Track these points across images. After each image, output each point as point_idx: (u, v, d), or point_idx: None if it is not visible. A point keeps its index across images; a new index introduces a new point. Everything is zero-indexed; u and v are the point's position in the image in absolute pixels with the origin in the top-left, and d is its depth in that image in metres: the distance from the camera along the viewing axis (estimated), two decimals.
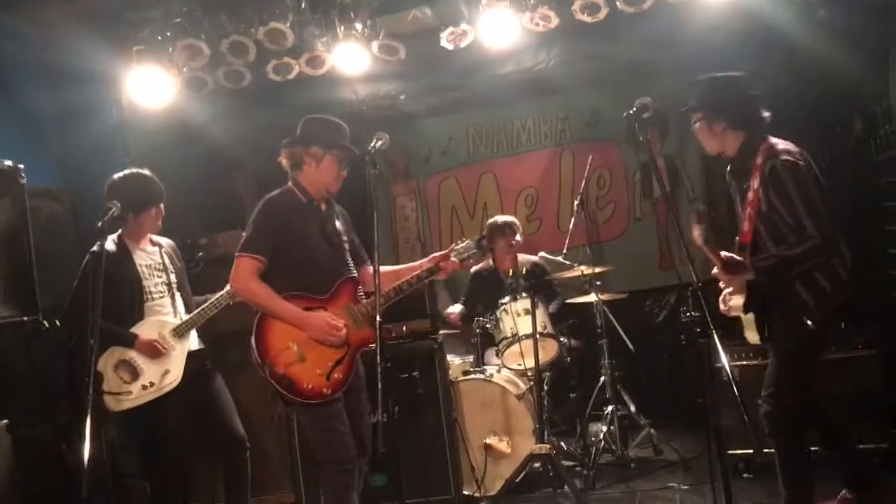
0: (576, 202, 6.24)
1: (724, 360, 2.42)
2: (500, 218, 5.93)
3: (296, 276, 3.59)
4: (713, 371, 2.57)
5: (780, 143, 3.59)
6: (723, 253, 3.43)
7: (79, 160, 5.36)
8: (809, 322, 3.41)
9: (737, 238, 3.63)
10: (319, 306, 3.61)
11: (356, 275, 3.81)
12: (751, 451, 4.53)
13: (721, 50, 4.99)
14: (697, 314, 2.54)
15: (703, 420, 4.94)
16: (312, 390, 3.50)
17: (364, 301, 3.70)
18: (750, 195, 3.53)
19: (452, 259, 3.78)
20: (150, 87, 5.40)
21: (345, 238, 3.82)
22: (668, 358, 6.48)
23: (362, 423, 3.72)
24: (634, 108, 3.03)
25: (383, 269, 3.89)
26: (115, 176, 4.21)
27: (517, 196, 7.13)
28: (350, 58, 5.37)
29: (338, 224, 3.81)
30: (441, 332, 5.08)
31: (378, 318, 3.04)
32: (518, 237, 5.83)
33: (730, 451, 4.61)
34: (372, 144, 3.36)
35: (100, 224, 3.57)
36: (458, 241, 3.88)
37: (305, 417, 3.63)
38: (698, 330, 2.52)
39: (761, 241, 3.55)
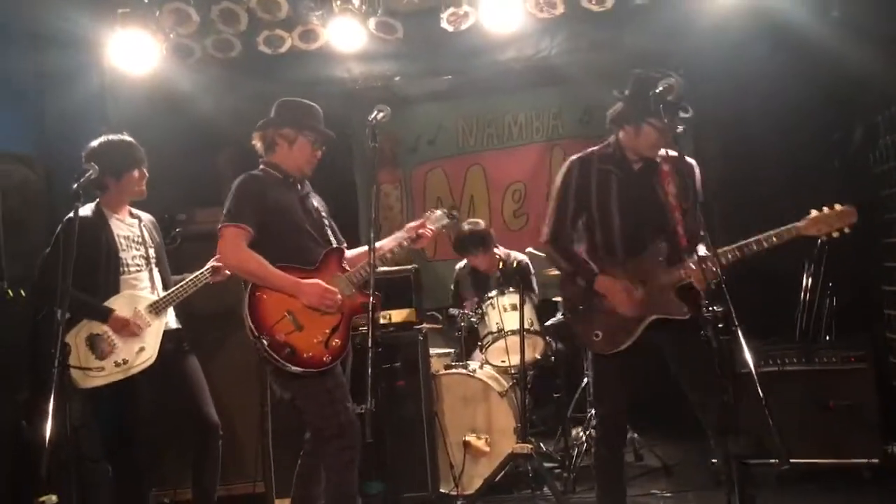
0: None
1: (748, 358, 2.26)
2: (473, 230, 5.59)
3: (282, 248, 3.52)
4: (735, 371, 2.41)
5: None
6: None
7: (56, 127, 5.14)
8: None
9: (661, 243, 3.45)
10: (309, 276, 3.53)
11: (340, 246, 3.77)
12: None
13: (728, 48, 4.87)
14: (721, 309, 2.38)
15: (688, 426, 4.93)
16: (312, 358, 3.42)
17: (351, 270, 3.65)
18: (671, 199, 3.41)
19: (428, 227, 3.79)
20: (134, 52, 5.19)
21: (324, 215, 3.79)
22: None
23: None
24: (660, 88, 2.88)
25: (359, 249, 3.89)
26: (94, 142, 4.01)
27: (505, 190, 7.01)
28: (345, 34, 5.20)
29: (315, 202, 3.78)
30: (424, 325, 4.93)
31: (371, 299, 2.86)
32: (496, 249, 5.60)
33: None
34: (373, 115, 3.24)
35: (75, 186, 3.36)
36: (431, 211, 3.91)
37: (306, 392, 3.49)
38: (720, 326, 2.36)
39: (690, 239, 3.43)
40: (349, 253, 3.89)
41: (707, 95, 5.59)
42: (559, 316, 3.90)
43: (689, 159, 3.52)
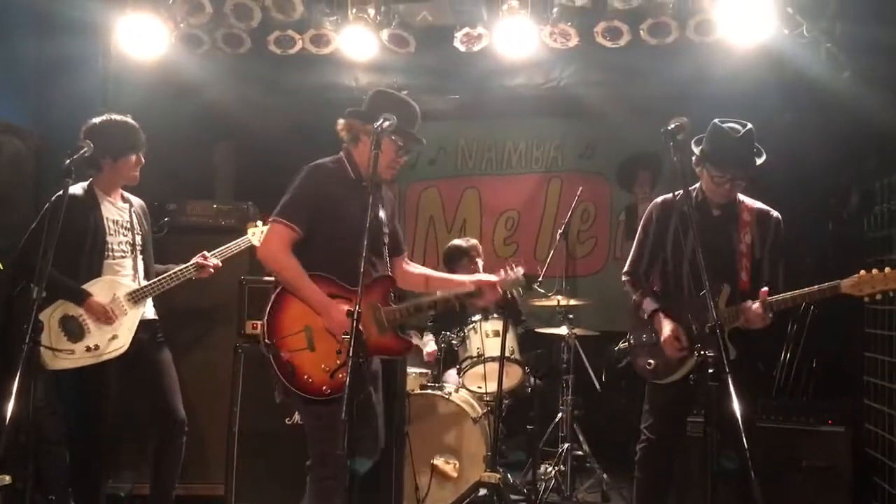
0: (559, 232, 6.10)
1: (736, 407, 2.24)
2: (462, 243, 5.70)
3: (326, 256, 3.27)
4: (722, 416, 2.38)
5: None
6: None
7: (55, 106, 5.06)
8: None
9: (724, 285, 3.64)
10: (345, 296, 3.24)
11: (391, 273, 3.51)
12: None
13: (738, 101, 4.88)
14: (713, 354, 2.35)
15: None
16: (312, 385, 3.22)
17: (393, 307, 3.38)
18: (743, 247, 3.67)
19: (500, 289, 3.48)
20: (142, 36, 5.12)
21: (386, 228, 3.50)
22: (626, 404, 6.32)
23: (376, 424, 3.47)
24: (672, 126, 2.89)
25: (417, 269, 3.74)
26: (95, 119, 3.93)
27: (498, 217, 7.00)
28: (357, 42, 5.17)
29: (381, 212, 3.47)
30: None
31: (357, 309, 2.78)
32: (480, 262, 5.62)
33: None
34: (379, 123, 3.12)
35: (67, 161, 3.29)
36: (510, 269, 3.49)
37: (303, 410, 3.36)
38: (711, 371, 2.34)
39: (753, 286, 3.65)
40: (419, 269, 3.72)
41: None
42: (622, 343, 4.02)
43: (774, 213, 3.75)
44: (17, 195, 4.65)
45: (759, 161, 3.60)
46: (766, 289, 3.50)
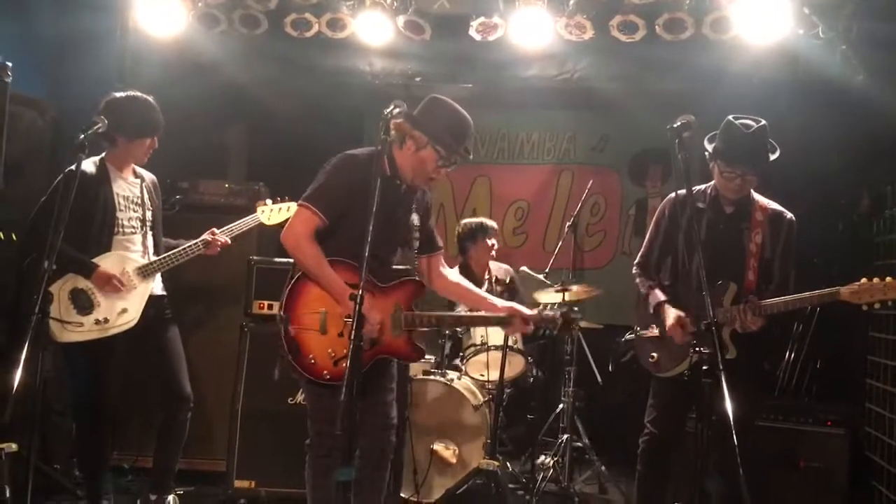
0: (567, 224, 6.11)
1: (728, 406, 2.25)
2: (483, 220, 5.74)
3: (350, 245, 3.16)
4: (712, 413, 2.40)
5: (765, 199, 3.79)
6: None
7: (73, 81, 5.10)
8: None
9: (731, 283, 3.65)
10: (374, 293, 3.26)
11: (426, 270, 3.51)
12: None
13: (752, 99, 4.86)
14: (708, 351, 2.37)
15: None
16: (315, 367, 3.24)
17: (415, 312, 3.38)
18: (752, 247, 3.65)
19: (529, 326, 3.43)
20: (160, 14, 5.16)
21: (416, 230, 3.48)
22: (628, 398, 6.34)
23: (383, 433, 3.44)
24: (679, 122, 2.89)
25: (455, 278, 3.71)
26: (117, 94, 3.94)
27: (508, 206, 6.97)
28: (373, 27, 5.19)
29: (415, 218, 3.47)
30: None
31: (360, 292, 2.80)
32: (496, 243, 5.65)
33: None
34: (389, 109, 3.12)
35: (81, 136, 3.31)
36: (548, 308, 3.44)
37: (305, 388, 3.40)
38: (705, 368, 2.36)
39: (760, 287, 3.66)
40: (456, 278, 3.70)
41: None
42: (628, 335, 4.13)
43: (787, 214, 3.72)
44: (33, 167, 4.70)
45: (772, 157, 3.58)
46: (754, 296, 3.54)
